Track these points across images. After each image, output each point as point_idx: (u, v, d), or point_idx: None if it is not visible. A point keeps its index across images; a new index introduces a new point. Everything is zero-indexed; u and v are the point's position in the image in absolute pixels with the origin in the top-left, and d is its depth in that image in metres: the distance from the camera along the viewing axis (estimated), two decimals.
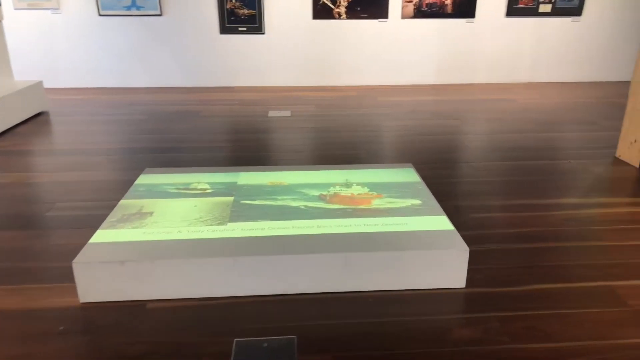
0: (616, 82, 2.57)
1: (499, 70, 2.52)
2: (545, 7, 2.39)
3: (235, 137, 1.70)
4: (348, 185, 1.05)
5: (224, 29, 2.41)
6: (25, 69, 2.38)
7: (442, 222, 0.89)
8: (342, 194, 1.00)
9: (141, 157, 1.49)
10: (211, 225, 0.89)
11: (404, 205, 0.95)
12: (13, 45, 2.27)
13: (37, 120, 1.90)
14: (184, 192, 1.04)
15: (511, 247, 0.97)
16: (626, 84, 2.49)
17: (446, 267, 0.80)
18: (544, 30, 2.46)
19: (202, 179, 1.10)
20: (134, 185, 1.08)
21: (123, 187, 1.26)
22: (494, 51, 2.49)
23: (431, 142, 1.63)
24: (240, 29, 2.41)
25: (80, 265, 0.78)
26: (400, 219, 0.90)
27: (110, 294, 0.80)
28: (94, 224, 1.07)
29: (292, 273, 0.80)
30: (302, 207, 0.95)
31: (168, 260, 0.79)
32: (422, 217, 0.91)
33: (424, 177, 1.17)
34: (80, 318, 0.78)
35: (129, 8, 2.35)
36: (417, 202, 0.97)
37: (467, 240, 0.86)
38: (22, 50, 2.37)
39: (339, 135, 1.69)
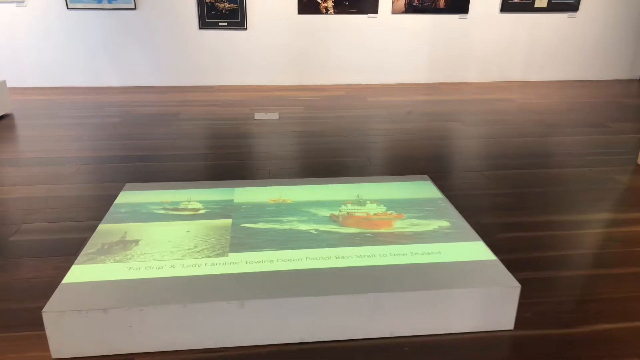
0: (616, 81, 2.52)
1: (492, 68, 2.44)
2: (541, 2, 2.31)
3: (220, 143, 1.56)
4: (361, 202, 0.93)
5: (203, 24, 2.25)
6: None
7: (479, 250, 0.78)
8: (357, 214, 0.88)
9: (116, 167, 1.34)
10: (209, 256, 0.76)
11: (430, 228, 0.84)
12: None
13: (0, 124, 1.72)
14: (173, 213, 0.90)
15: (556, 276, 0.85)
16: (628, 83, 2.45)
17: (493, 306, 0.69)
18: (539, 27, 2.39)
19: (193, 197, 0.96)
20: (114, 205, 0.94)
21: (98, 204, 1.11)
22: (487, 48, 2.40)
23: (436, 147, 1.52)
24: (220, 24, 2.26)
25: (51, 315, 0.64)
26: (431, 246, 0.78)
27: (89, 347, 0.66)
28: (68, 251, 0.92)
29: (311, 318, 0.67)
30: (313, 232, 0.83)
31: (161, 307, 0.65)
32: (456, 243, 0.79)
33: None
34: None
35: (100, 1, 2.17)
36: (445, 223, 0.85)
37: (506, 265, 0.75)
38: None
39: (335, 141, 1.57)
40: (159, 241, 0.80)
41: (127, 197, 0.97)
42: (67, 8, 2.15)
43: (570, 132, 1.68)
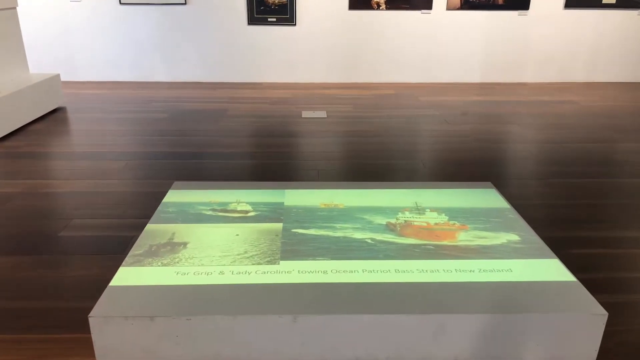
0: None
1: (551, 68, 2.30)
2: None
3: (268, 142, 1.52)
4: (420, 210, 0.87)
5: (252, 20, 2.22)
6: (41, 61, 2.22)
7: (556, 269, 0.70)
8: (416, 224, 0.82)
9: (163, 163, 1.32)
10: (260, 263, 0.72)
11: (498, 241, 0.76)
12: (28, 36, 2.11)
13: (53, 117, 1.74)
14: (222, 214, 0.87)
15: (638, 300, 0.77)
16: None
17: (573, 336, 0.61)
18: (606, 24, 2.23)
19: (242, 198, 0.93)
20: (162, 204, 0.91)
21: (145, 200, 1.09)
22: (548, 46, 2.27)
23: (494, 151, 1.43)
24: (269, 19, 2.22)
25: (98, 320, 0.61)
26: (501, 262, 0.71)
27: (135, 354, 0.63)
28: (115, 249, 0.90)
29: (367, 337, 0.62)
30: (369, 241, 0.77)
31: (209, 317, 0.61)
32: (528, 260, 0.72)
33: None
34: None
35: None
36: (514, 237, 0.78)
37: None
38: (38, 41, 2.21)
39: (386, 141, 1.51)
40: (208, 244, 0.77)
41: (175, 196, 0.94)
42: (120, 3, 2.18)
43: None
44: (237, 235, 0.80)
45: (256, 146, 1.48)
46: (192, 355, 0.63)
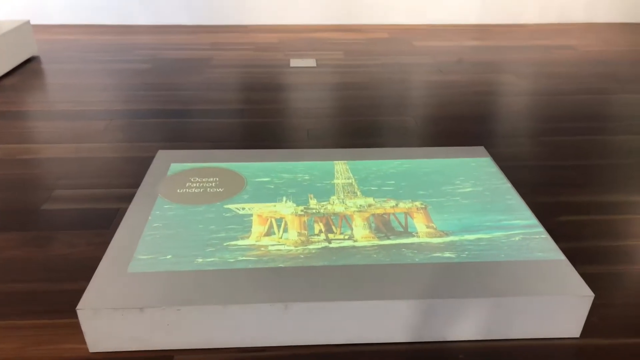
0: None
1: (552, 6, 2.20)
2: None
3: (255, 97, 1.47)
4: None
5: None
6: (10, 3, 2.09)
7: (543, 246, 0.70)
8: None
9: (147, 123, 1.28)
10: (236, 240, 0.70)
11: (486, 220, 0.75)
12: None
13: (27, 69, 1.66)
14: (207, 191, 0.85)
15: (627, 271, 0.77)
16: None
17: (558, 315, 0.62)
18: None
19: (220, 177, 0.90)
20: (146, 181, 0.88)
21: (130, 167, 1.06)
22: None
23: (488, 105, 1.40)
24: None
25: (86, 312, 0.61)
26: (486, 240, 0.70)
27: (127, 343, 0.63)
28: (101, 224, 0.88)
29: (358, 322, 0.62)
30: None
31: (199, 307, 0.61)
32: (515, 238, 0.71)
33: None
34: None
35: None
36: (502, 216, 0.77)
37: None
38: None
39: (377, 95, 1.46)
40: (194, 228, 0.75)
41: (160, 169, 0.91)
42: None
43: None
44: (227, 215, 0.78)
45: (243, 102, 1.43)
46: (184, 341, 0.63)
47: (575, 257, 0.78)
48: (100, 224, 0.89)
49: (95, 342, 0.63)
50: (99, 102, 1.41)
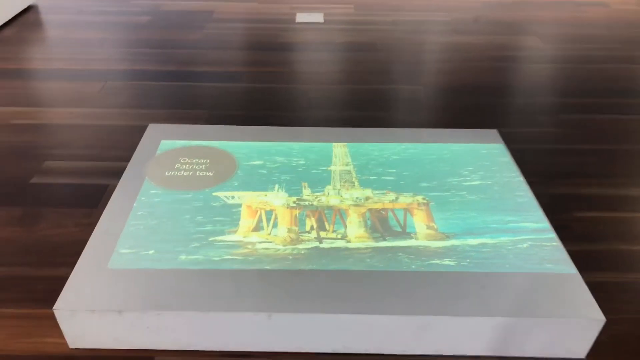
0: None
1: None
2: None
3: (256, 58, 1.39)
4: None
5: None
6: None
7: (553, 255, 0.65)
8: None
9: (144, 86, 1.22)
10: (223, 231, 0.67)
11: (491, 222, 0.70)
12: None
13: (24, 20, 1.59)
14: (200, 173, 0.80)
15: None
16: None
17: (562, 335, 0.58)
18: None
19: (209, 158, 0.85)
20: (133, 161, 0.84)
21: (123, 138, 1.02)
22: None
23: (505, 73, 1.30)
24: None
25: (63, 313, 0.58)
26: (490, 245, 0.66)
27: (107, 342, 0.61)
28: (89, 203, 0.85)
29: (345, 333, 0.59)
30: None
31: (179, 312, 0.58)
32: (522, 244, 0.66)
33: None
34: None
35: None
36: (510, 217, 0.72)
37: (574, 260, 0.62)
38: None
39: (386, 59, 1.37)
40: (180, 219, 0.71)
41: (149, 147, 0.87)
42: None
43: None
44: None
45: (244, 64, 1.36)
46: (165, 343, 0.61)
47: (589, 261, 0.74)
48: (89, 202, 0.86)
49: (75, 340, 0.61)
50: (95, 60, 1.35)
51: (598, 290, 0.70)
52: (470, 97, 1.19)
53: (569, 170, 0.94)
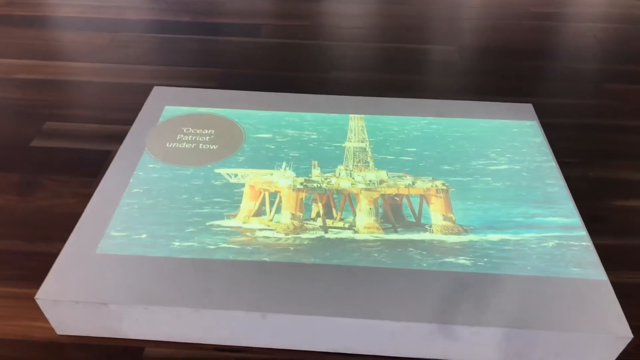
0: None
1: None
2: None
3: (276, 8, 1.29)
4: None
5: None
6: None
7: (584, 258, 0.58)
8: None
9: (153, 39, 1.14)
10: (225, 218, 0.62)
11: (514, 215, 0.63)
12: None
13: None
14: (203, 146, 0.74)
15: None
16: None
17: (586, 349, 0.52)
18: None
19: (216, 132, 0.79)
20: (134, 128, 0.79)
21: (129, 99, 0.96)
22: None
23: (546, 35, 1.17)
24: None
25: (46, 302, 0.55)
26: (511, 246, 0.58)
27: (95, 330, 0.58)
28: (88, 171, 0.81)
29: (344, 336, 0.54)
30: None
31: (168, 308, 0.54)
32: (547, 243, 0.59)
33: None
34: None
35: None
36: (536, 210, 0.64)
37: (608, 256, 0.55)
38: None
39: (421, 15, 1.25)
40: (177, 199, 0.66)
41: (153, 113, 0.81)
42: None
43: None
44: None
45: (262, 14, 1.26)
46: (155, 334, 0.58)
47: (622, 258, 0.66)
48: (89, 170, 0.81)
49: (61, 327, 0.58)
50: (106, 7, 1.27)
51: (632, 294, 0.62)
52: (506, 60, 1.07)
53: (610, 151, 0.85)
